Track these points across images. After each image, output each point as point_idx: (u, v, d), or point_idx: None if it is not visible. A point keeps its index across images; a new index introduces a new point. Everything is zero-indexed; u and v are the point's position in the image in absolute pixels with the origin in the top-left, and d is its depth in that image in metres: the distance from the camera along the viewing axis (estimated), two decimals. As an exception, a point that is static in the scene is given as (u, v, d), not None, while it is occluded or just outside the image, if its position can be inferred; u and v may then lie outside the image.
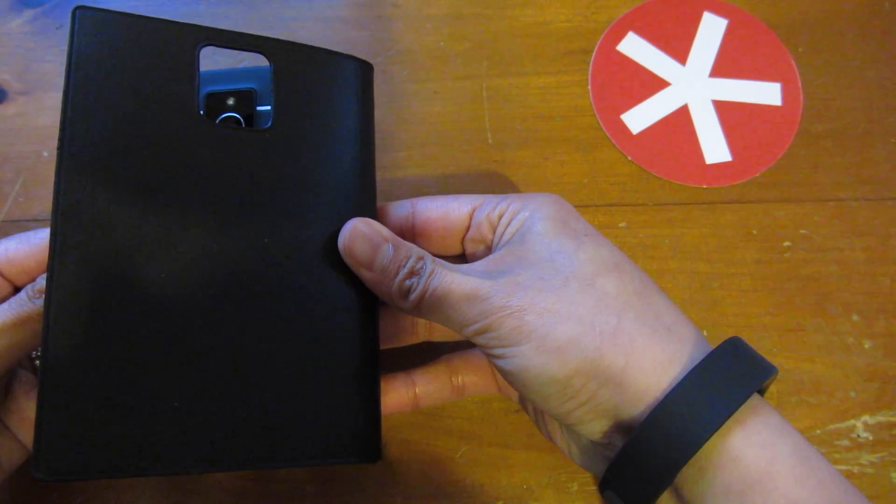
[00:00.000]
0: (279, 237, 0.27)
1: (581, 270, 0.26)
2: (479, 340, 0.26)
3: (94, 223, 0.24)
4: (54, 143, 0.25)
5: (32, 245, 0.29)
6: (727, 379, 0.24)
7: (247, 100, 0.30)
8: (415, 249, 0.27)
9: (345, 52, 0.30)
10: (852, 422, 0.35)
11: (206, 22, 0.28)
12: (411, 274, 0.27)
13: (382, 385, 0.30)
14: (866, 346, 0.36)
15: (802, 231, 0.38)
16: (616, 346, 0.25)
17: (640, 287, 0.27)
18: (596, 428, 0.26)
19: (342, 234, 0.28)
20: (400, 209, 0.31)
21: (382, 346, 0.29)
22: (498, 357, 0.26)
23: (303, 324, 0.27)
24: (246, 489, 0.33)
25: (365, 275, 0.27)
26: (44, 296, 0.24)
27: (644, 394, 0.24)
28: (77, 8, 0.26)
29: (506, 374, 0.27)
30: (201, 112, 0.27)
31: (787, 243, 0.38)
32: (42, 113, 0.40)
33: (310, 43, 0.29)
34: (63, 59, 0.26)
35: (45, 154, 0.39)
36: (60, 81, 0.25)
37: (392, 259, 0.27)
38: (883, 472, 0.34)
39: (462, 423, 0.35)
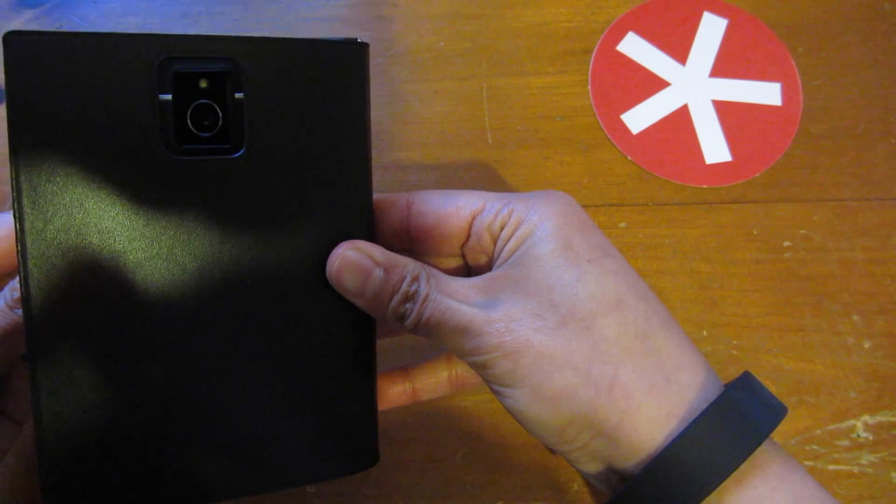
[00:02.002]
0: (263, 260, 0.25)
1: (580, 309, 0.25)
2: (478, 372, 0.26)
3: (54, 274, 0.23)
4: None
5: None
6: (724, 436, 0.24)
7: (222, 83, 0.25)
8: (409, 269, 0.26)
9: (332, 38, 0.27)
10: (852, 422, 0.35)
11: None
12: (405, 299, 0.26)
13: (380, 382, 0.30)
14: (866, 346, 0.36)
15: (802, 231, 0.38)
16: (611, 402, 0.24)
17: (643, 327, 0.25)
18: (592, 469, 0.26)
19: (329, 264, 0.26)
20: (396, 209, 0.29)
21: (381, 338, 0.29)
22: (495, 392, 0.26)
23: (296, 346, 0.26)
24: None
25: (358, 302, 0.26)
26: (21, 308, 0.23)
27: (638, 450, 0.24)
28: (7, 35, 0.22)
29: (504, 406, 0.26)
30: (166, 128, 0.24)
31: (787, 243, 0.38)
32: (42, 113, 0.40)
33: None
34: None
35: (45, 154, 0.39)
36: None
37: (384, 284, 0.26)
38: (883, 472, 0.34)
39: (462, 423, 0.35)
